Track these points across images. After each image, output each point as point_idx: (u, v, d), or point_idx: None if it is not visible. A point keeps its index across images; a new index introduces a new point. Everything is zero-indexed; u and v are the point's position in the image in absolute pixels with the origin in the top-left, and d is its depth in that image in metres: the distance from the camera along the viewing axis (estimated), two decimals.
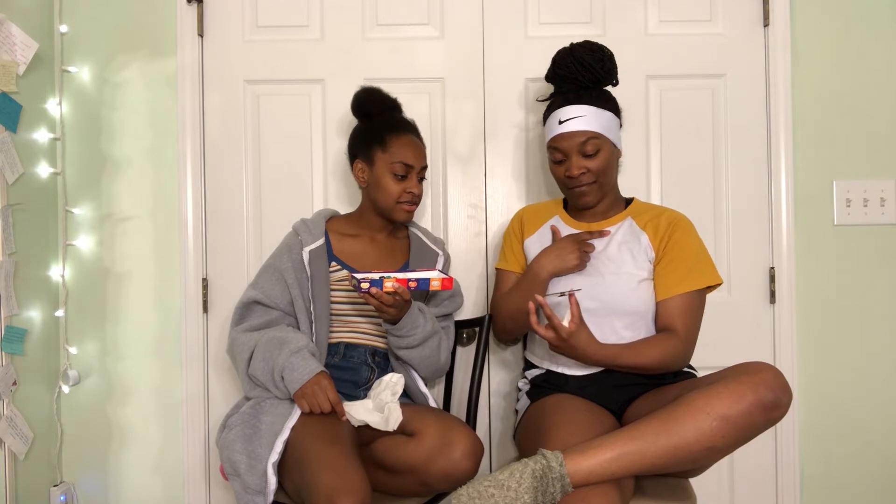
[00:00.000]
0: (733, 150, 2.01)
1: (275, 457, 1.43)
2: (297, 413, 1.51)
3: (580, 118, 1.61)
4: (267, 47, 2.02)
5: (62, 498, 1.96)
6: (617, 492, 1.30)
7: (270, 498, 1.43)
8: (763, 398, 1.27)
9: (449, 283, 1.53)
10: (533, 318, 1.48)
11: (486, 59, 2.02)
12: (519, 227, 1.79)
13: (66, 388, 1.99)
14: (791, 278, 2.00)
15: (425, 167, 1.74)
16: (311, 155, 2.02)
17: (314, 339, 1.65)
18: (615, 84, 1.69)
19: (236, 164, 2.02)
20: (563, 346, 1.48)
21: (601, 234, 1.67)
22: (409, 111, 1.96)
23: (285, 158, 2.02)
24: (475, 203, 2.03)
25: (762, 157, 2.01)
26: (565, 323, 1.46)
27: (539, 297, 1.46)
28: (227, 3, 2.02)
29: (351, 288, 1.68)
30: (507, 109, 2.01)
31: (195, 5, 1.99)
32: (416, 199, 1.71)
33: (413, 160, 1.69)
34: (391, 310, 1.52)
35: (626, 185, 1.99)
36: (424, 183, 2.03)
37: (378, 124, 1.73)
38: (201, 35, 2.01)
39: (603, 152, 1.62)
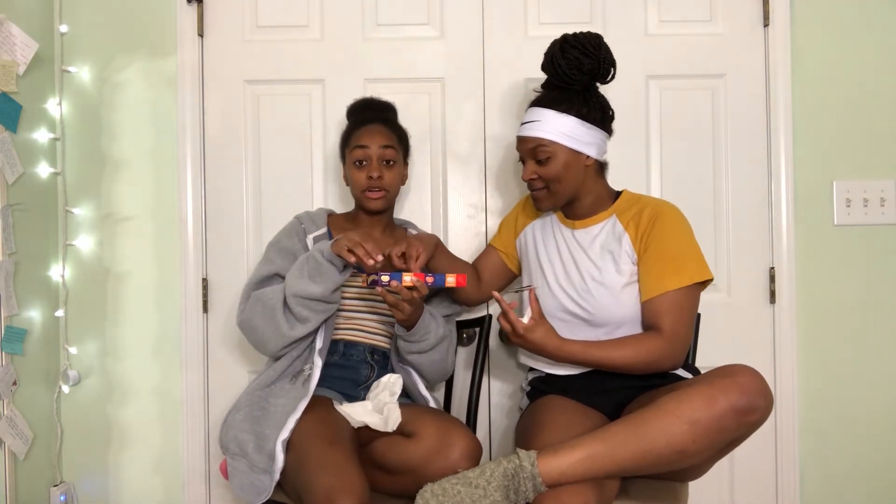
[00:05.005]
0: (733, 150, 2.01)
1: (285, 433, 1.43)
2: (307, 397, 1.50)
3: (534, 123, 1.56)
4: (267, 47, 2.02)
5: (62, 498, 1.96)
6: (593, 492, 1.28)
7: (276, 476, 1.41)
8: (735, 403, 1.23)
9: (463, 280, 1.53)
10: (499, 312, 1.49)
11: (486, 59, 2.02)
12: (522, 209, 1.78)
13: (66, 388, 1.99)
14: (791, 278, 2.00)
15: (387, 147, 1.68)
16: (311, 155, 2.02)
17: (321, 333, 1.62)
18: (607, 81, 1.59)
19: (236, 164, 2.02)
20: (520, 340, 1.48)
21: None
22: (409, 111, 1.96)
23: (285, 158, 2.02)
24: (475, 203, 2.02)
25: (762, 157, 2.01)
26: (525, 319, 1.46)
27: (495, 293, 1.47)
28: (227, 3, 2.02)
29: (362, 284, 1.66)
30: (507, 109, 2.01)
31: (195, 5, 1.99)
32: (378, 186, 1.67)
33: (367, 140, 1.68)
34: (407, 306, 1.51)
35: (627, 185, 1.98)
36: (425, 181, 2.02)
37: (348, 127, 1.77)
38: (201, 35, 2.01)
39: (555, 160, 1.54)
